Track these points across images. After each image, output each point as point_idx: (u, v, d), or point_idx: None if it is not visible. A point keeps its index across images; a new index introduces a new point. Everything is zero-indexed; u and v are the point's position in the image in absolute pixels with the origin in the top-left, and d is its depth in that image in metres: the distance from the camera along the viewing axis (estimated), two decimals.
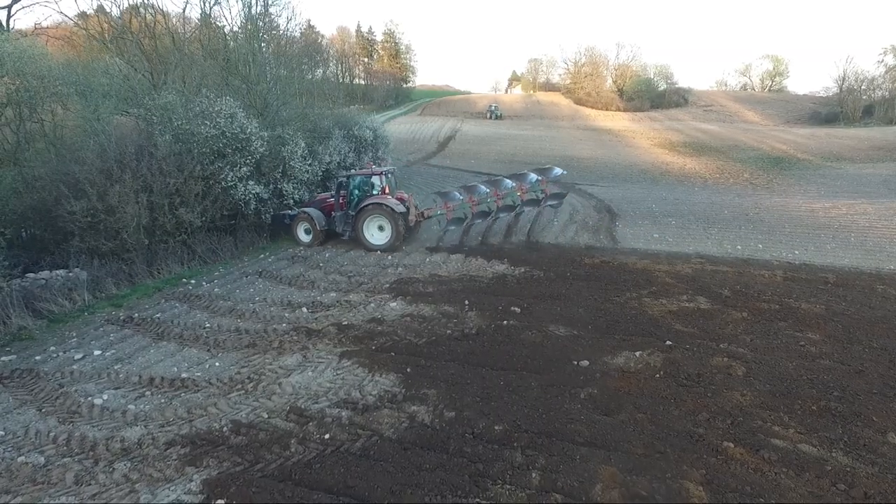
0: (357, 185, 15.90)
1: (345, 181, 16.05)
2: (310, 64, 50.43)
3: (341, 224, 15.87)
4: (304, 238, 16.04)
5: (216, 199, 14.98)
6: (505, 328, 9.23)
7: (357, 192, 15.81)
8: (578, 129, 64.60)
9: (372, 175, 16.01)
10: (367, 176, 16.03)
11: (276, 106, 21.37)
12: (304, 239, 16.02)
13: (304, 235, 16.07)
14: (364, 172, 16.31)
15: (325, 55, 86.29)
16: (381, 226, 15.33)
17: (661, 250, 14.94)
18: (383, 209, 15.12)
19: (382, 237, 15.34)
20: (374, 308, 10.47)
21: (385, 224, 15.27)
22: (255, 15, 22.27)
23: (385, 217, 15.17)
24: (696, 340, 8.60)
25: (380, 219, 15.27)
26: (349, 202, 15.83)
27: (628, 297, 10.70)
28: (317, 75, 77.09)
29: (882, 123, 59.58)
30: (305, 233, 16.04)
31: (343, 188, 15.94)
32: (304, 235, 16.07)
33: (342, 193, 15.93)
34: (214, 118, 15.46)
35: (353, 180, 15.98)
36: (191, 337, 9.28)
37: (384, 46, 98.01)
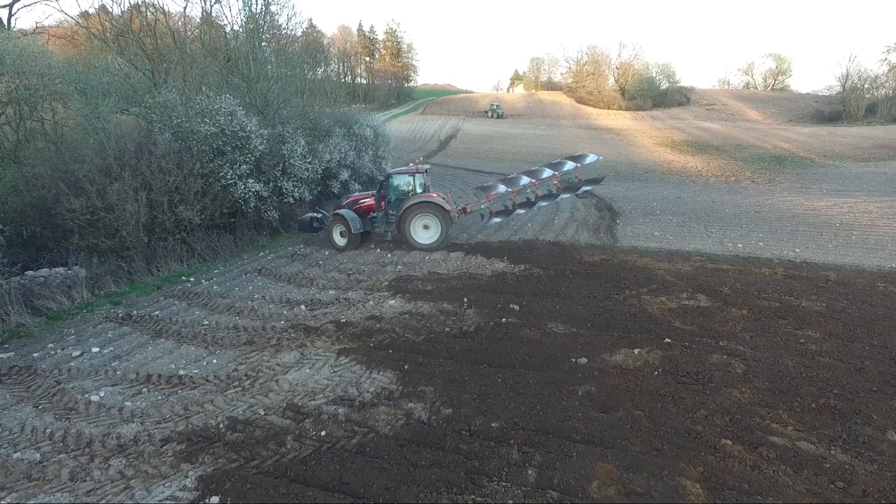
0: (399, 184, 15.45)
1: (385, 180, 15.53)
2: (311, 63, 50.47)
3: (383, 225, 15.34)
4: (339, 241, 15.24)
5: (216, 197, 14.98)
6: (503, 326, 9.19)
7: (399, 191, 15.38)
8: (580, 128, 64.53)
9: (416, 173, 15.51)
10: (409, 174, 15.54)
11: (276, 104, 21.37)
12: (340, 242, 15.24)
13: (339, 239, 15.25)
14: (406, 170, 15.78)
15: (327, 54, 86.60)
16: (427, 224, 14.98)
17: (662, 248, 14.88)
18: (432, 207, 14.86)
19: (429, 236, 14.99)
20: (373, 306, 10.45)
21: (430, 222, 14.95)
22: (256, 13, 22.25)
23: (432, 215, 14.88)
24: (695, 338, 8.56)
25: (425, 217, 14.91)
26: (388, 202, 15.33)
27: (628, 295, 10.65)
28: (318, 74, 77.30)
29: (885, 122, 59.36)
30: (341, 236, 15.24)
31: (383, 187, 15.39)
32: (339, 239, 15.25)
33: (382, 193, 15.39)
34: (214, 116, 15.47)
35: (395, 179, 15.50)
36: (189, 334, 9.27)
37: (386, 45, 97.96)
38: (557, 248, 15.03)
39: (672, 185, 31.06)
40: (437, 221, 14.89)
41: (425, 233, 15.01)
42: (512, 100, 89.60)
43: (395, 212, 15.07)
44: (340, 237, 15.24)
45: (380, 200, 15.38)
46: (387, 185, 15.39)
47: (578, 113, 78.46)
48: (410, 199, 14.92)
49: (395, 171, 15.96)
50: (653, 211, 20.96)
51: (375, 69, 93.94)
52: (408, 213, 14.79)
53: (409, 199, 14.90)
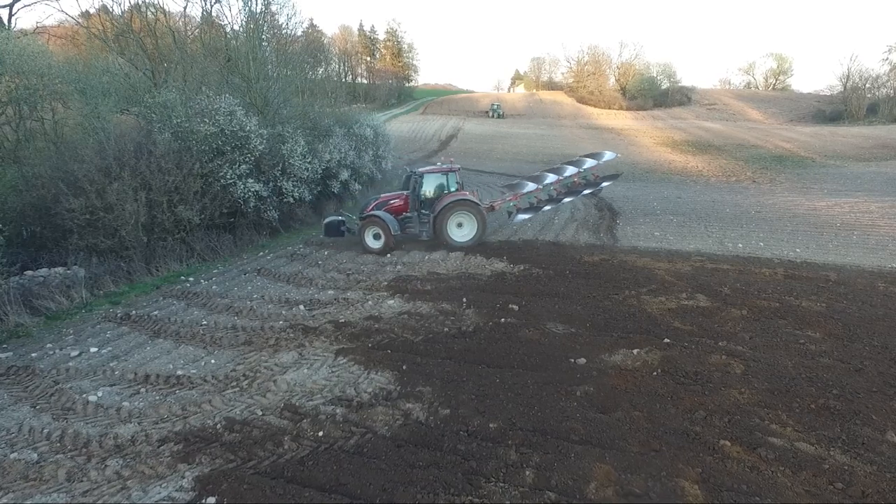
0: (432, 184, 15.32)
1: (418, 179, 15.28)
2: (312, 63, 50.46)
3: (417, 225, 15.22)
4: (374, 245, 14.81)
5: (215, 197, 14.96)
6: (502, 326, 9.18)
7: (433, 190, 15.25)
8: (581, 128, 64.51)
9: (449, 171, 15.48)
10: (442, 173, 15.46)
11: (276, 104, 21.37)
12: (375, 245, 14.80)
13: (373, 242, 14.82)
14: (439, 169, 15.66)
15: (328, 54, 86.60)
16: (461, 223, 14.97)
17: (662, 248, 14.85)
18: (468, 205, 14.86)
19: (464, 234, 14.98)
20: (372, 306, 10.44)
21: (465, 220, 14.96)
22: (256, 13, 22.24)
23: (467, 213, 14.89)
24: (694, 338, 8.53)
25: (460, 215, 14.88)
26: (422, 201, 15.20)
27: (627, 295, 10.63)
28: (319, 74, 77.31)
29: (886, 122, 59.31)
30: (375, 238, 14.81)
31: (416, 187, 15.16)
32: (373, 242, 14.82)
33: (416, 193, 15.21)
34: (213, 116, 15.46)
35: (428, 178, 15.34)
36: (187, 334, 9.26)
37: (386, 45, 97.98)
38: (557, 248, 15.01)
39: (673, 185, 31.03)
40: (472, 219, 14.95)
41: (459, 231, 15.00)
42: (513, 100, 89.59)
43: (429, 211, 14.99)
44: (374, 240, 14.84)
45: (414, 200, 15.19)
46: (420, 184, 15.23)
47: (579, 113, 78.42)
48: (445, 197, 14.87)
49: (428, 170, 15.78)
50: (653, 211, 20.94)
51: (376, 69, 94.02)
52: (445, 213, 14.71)
53: (445, 198, 14.84)
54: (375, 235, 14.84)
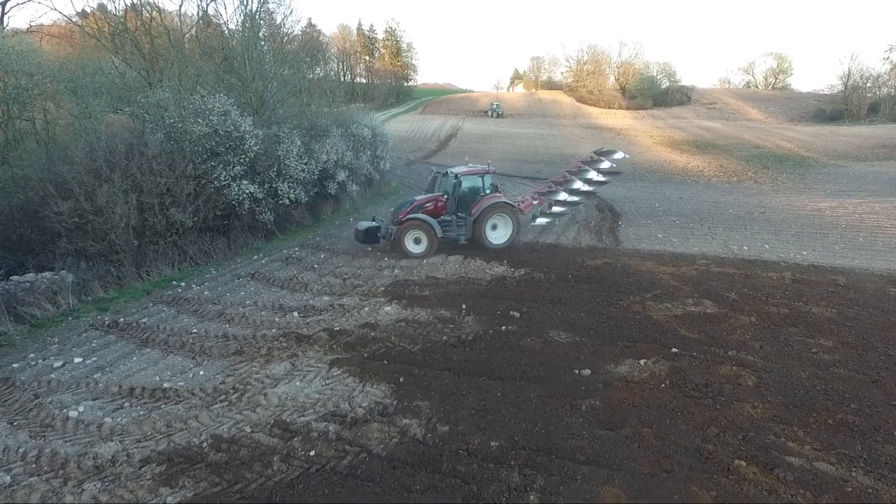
0: (470, 186, 14.99)
1: (458, 181, 14.78)
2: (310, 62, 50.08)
3: (456, 228, 14.73)
4: (415, 249, 14.16)
5: (208, 199, 14.62)
6: (503, 334, 8.85)
7: (470, 192, 14.94)
8: (580, 128, 64.14)
9: (485, 173, 15.30)
10: (479, 175, 15.21)
11: (272, 103, 21.03)
12: (416, 250, 14.15)
13: (414, 246, 14.17)
14: (475, 171, 15.35)
15: (326, 53, 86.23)
16: (496, 225, 14.80)
17: (665, 251, 14.53)
18: (505, 208, 14.81)
19: (499, 236, 14.84)
20: (368, 312, 10.10)
21: (499, 223, 14.82)
22: (251, 11, 21.92)
23: (504, 215, 14.80)
24: (703, 347, 8.21)
25: (495, 218, 14.72)
26: (459, 204, 14.81)
27: (632, 301, 10.30)
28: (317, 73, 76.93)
29: (887, 121, 59.00)
30: (416, 243, 14.18)
31: (455, 189, 14.72)
32: (414, 246, 14.17)
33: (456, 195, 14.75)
34: (207, 116, 15.11)
35: (466, 181, 14.96)
36: (176, 343, 8.92)
37: (385, 44, 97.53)
38: (559, 251, 14.68)
39: (674, 185, 30.72)
40: (507, 221, 14.87)
41: (494, 233, 14.81)
42: (512, 99, 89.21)
43: (465, 214, 14.73)
44: (415, 244, 14.22)
45: (453, 203, 14.79)
46: (458, 186, 14.85)
47: (579, 112, 78.03)
48: (484, 200, 14.70)
49: (466, 172, 15.30)
50: (655, 212, 20.62)
51: (375, 68, 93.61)
52: (484, 215, 14.52)
53: (483, 201, 14.66)
54: (416, 240, 14.25)
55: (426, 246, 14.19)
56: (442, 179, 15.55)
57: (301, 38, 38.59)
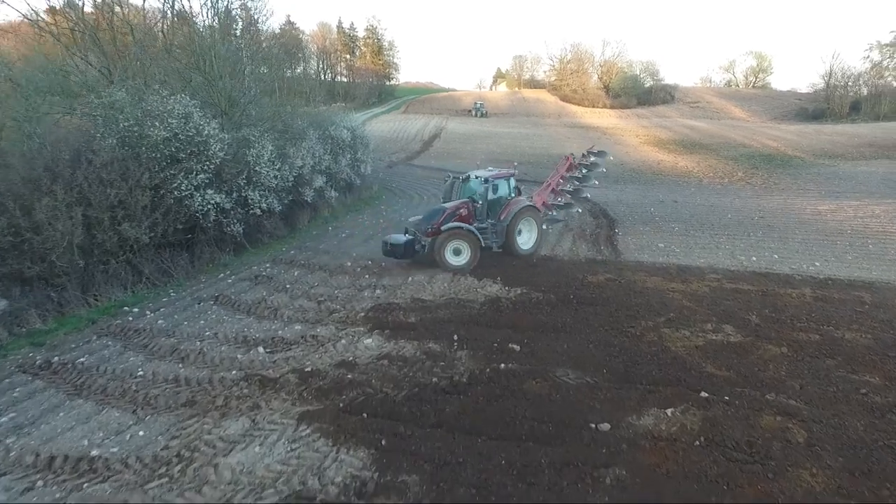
0: (502, 190, 14.19)
1: (488, 186, 13.75)
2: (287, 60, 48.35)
3: (491, 235, 13.69)
4: (454, 261, 12.89)
5: (168, 212, 13.13)
6: (503, 374, 7.60)
7: (501, 196, 14.11)
8: (565, 127, 63.33)
9: (510, 176, 14.58)
10: (505, 178, 14.39)
11: (243, 104, 19.53)
12: (457, 262, 12.89)
13: (453, 258, 12.91)
14: (503, 174, 14.49)
15: (306, 52, 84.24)
16: (520, 230, 14.10)
17: (670, 263, 13.45)
18: (532, 211, 14.31)
19: (526, 241, 14.27)
20: (346, 346, 8.77)
21: (524, 227, 14.20)
22: (219, 6, 20.38)
23: (530, 220, 14.26)
24: (735, 389, 7.06)
25: (522, 223, 14.04)
26: (490, 209, 13.82)
27: (644, 328, 9.14)
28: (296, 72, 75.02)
29: (868, 119, 59.21)
30: (455, 254, 12.94)
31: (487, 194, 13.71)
32: (453, 258, 12.91)
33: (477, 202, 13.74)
34: (166, 119, 13.61)
35: (498, 184, 14.08)
36: (116, 391, 7.50)
37: (366, 43, 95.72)
38: (556, 264, 13.50)
39: (666, 186, 29.86)
40: (532, 225, 14.41)
41: (520, 238, 14.14)
42: (495, 98, 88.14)
43: (494, 220, 13.83)
44: (455, 256, 13.00)
45: (485, 209, 13.72)
46: (489, 191, 13.77)
47: (563, 111, 77.27)
48: (512, 204, 13.95)
49: (495, 175, 14.26)
50: (651, 218, 19.61)
51: (356, 67, 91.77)
52: (515, 220, 13.80)
53: (512, 205, 13.92)
54: (456, 250, 13.02)
55: (468, 257, 12.99)
56: (462, 185, 14.48)
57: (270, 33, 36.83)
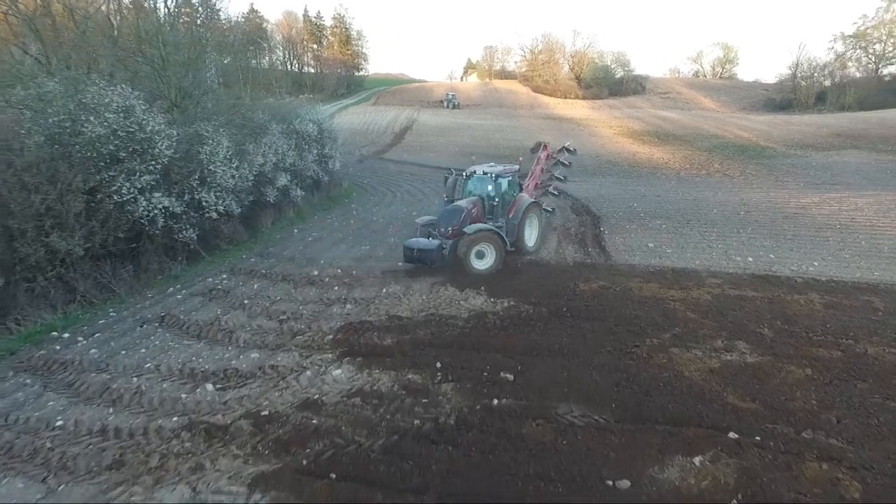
0: (512, 186, 13.57)
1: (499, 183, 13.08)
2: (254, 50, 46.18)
3: (506, 234, 12.86)
4: (479, 265, 12.03)
5: (107, 219, 11.59)
6: (497, 413, 6.48)
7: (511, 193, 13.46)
8: (539, 118, 62.59)
9: (515, 173, 14.05)
10: (511, 174, 13.72)
11: (197, 95, 17.86)
12: (481, 266, 12.04)
13: (478, 262, 12.02)
14: (510, 170, 13.85)
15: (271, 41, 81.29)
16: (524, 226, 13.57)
17: (664, 266, 12.55)
18: (537, 207, 14.05)
19: (530, 238, 13.81)
20: (311, 379, 7.52)
21: (528, 224, 13.71)
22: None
23: (533, 215, 13.89)
24: (765, 425, 6.11)
25: (528, 220, 13.60)
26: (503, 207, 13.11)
27: (651, 347, 8.14)
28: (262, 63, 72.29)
29: (834, 109, 60.17)
30: (478, 258, 12.06)
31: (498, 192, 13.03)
32: (478, 262, 12.02)
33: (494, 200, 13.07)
34: (102, 113, 11.98)
35: (511, 182, 13.45)
36: (26, 450, 6.11)
37: (334, 32, 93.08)
38: (543, 269, 12.45)
39: (644, 179, 29.22)
40: (534, 222, 14.11)
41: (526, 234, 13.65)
42: (467, 89, 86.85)
43: (507, 217, 13.27)
44: (478, 260, 12.10)
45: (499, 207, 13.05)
46: (500, 188, 13.13)
47: (535, 102, 76.58)
48: (519, 201, 13.45)
49: (503, 171, 13.48)
50: (636, 214, 18.75)
51: (323, 57, 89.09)
52: (524, 218, 13.30)
53: (519, 202, 13.42)
54: (479, 253, 12.09)
55: (493, 260, 12.12)
56: (465, 181, 13.56)
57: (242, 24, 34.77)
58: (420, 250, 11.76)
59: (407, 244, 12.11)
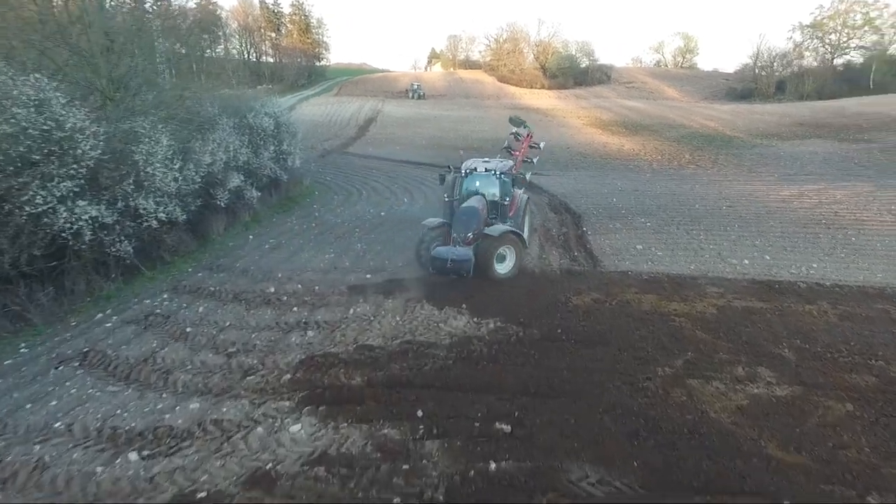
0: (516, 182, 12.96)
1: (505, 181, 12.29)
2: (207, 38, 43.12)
3: None
4: (501, 269, 11.25)
5: (19, 233, 9.79)
6: (496, 482, 5.23)
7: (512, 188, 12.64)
8: (506, 109, 61.36)
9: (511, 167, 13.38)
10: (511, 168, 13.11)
11: (134, 87, 15.85)
12: (503, 270, 11.27)
13: (500, 267, 11.24)
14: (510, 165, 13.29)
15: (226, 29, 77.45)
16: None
17: (658, 272, 11.56)
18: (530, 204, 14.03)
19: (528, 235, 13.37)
20: (263, 440, 6.08)
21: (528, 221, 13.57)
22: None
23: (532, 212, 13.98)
24: (820, 487, 5.05)
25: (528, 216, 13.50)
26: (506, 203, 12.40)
27: (664, 380, 7.03)
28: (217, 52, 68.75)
29: (794, 98, 61.28)
30: (499, 262, 11.23)
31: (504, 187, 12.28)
32: (500, 267, 11.24)
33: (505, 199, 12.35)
34: (8, 108, 10.08)
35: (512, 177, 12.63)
36: None
37: (293, 20, 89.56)
38: (529, 279, 11.24)
39: (619, 172, 28.46)
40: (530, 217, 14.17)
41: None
42: (432, 79, 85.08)
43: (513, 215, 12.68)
44: (498, 263, 11.21)
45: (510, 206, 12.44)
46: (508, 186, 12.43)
47: (502, 92, 75.57)
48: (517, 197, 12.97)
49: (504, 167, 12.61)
50: (617, 211, 17.81)
51: (282, 46, 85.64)
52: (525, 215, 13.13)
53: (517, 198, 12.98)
54: (500, 257, 11.23)
55: (513, 263, 11.39)
56: (463, 180, 12.48)
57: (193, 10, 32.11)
58: (455, 261, 10.45)
59: (437, 255, 10.70)
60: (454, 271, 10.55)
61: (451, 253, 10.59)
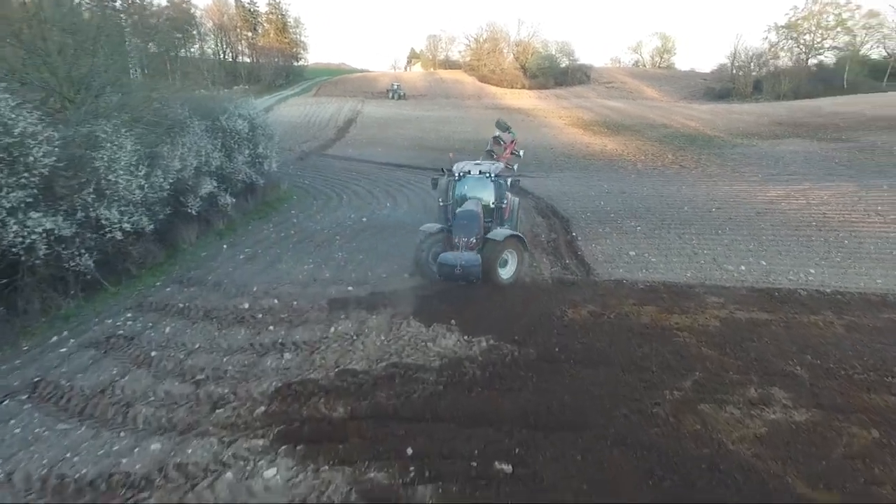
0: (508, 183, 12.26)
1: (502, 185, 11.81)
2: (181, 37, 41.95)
3: None
4: (506, 275, 11.02)
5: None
6: None
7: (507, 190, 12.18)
8: (487, 109, 61.04)
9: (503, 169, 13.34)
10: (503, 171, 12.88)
11: (96, 88, 14.87)
12: (506, 275, 11.03)
13: (504, 272, 10.99)
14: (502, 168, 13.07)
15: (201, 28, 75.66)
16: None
17: (654, 281, 11.09)
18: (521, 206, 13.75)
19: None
20: (233, 488, 5.37)
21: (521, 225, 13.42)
22: None
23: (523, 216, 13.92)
24: None
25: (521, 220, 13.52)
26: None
27: (673, 404, 6.50)
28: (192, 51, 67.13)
29: (771, 98, 62.00)
30: (502, 266, 10.94)
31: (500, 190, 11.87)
32: (504, 272, 10.99)
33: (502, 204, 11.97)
34: None
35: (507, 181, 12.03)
36: None
37: (269, 19, 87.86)
38: (521, 291, 10.66)
39: (603, 173, 28.14)
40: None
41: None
42: (412, 79, 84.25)
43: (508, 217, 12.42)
44: (502, 269, 10.98)
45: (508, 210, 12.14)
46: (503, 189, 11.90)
47: (482, 92, 75.15)
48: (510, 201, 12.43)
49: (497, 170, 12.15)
50: (606, 214, 17.37)
51: (259, 46, 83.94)
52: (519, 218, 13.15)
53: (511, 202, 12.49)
54: (501, 262, 10.94)
55: (515, 267, 11.23)
56: (456, 183, 12.11)
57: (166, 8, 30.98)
58: (464, 267, 9.99)
59: (444, 261, 10.19)
60: (463, 277, 10.12)
61: (459, 259, 10.12)
